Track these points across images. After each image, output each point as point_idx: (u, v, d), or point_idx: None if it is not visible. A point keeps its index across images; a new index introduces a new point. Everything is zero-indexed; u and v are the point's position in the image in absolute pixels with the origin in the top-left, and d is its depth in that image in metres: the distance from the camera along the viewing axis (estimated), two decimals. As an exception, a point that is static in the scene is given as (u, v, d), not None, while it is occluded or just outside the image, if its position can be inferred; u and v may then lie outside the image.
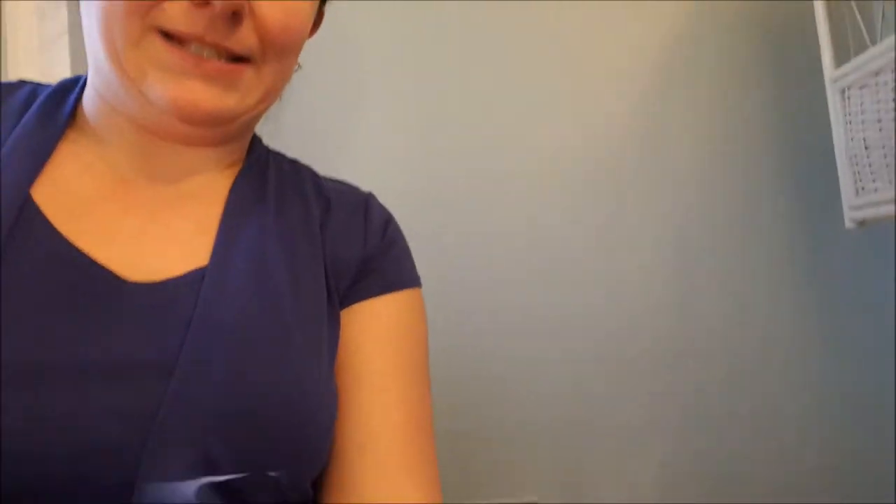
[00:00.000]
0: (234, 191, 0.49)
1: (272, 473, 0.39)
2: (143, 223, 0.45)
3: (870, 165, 0.70)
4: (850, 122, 0.73)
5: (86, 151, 0.46)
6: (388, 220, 0.55)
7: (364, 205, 0.55)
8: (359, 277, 0.51)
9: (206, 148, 0.48)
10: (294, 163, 0.56)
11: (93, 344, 0.38)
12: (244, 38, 0.44)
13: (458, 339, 1.02)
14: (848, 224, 0.78)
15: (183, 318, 0.41)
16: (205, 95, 0.43)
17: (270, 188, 0.51)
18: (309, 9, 0.47)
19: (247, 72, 0.45)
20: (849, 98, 0.73)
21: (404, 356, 0.51)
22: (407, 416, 0.48)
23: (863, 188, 0.72)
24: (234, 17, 0.42)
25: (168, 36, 0.42)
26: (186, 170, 0.48)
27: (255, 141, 0.55)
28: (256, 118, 0.49)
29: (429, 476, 0.48)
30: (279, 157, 0.56)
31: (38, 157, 0.44)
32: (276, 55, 0.46)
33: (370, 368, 0.49)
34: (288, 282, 0.46)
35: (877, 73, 0.67)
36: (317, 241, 0.50)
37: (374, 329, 0.50)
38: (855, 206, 0.75)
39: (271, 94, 0.48)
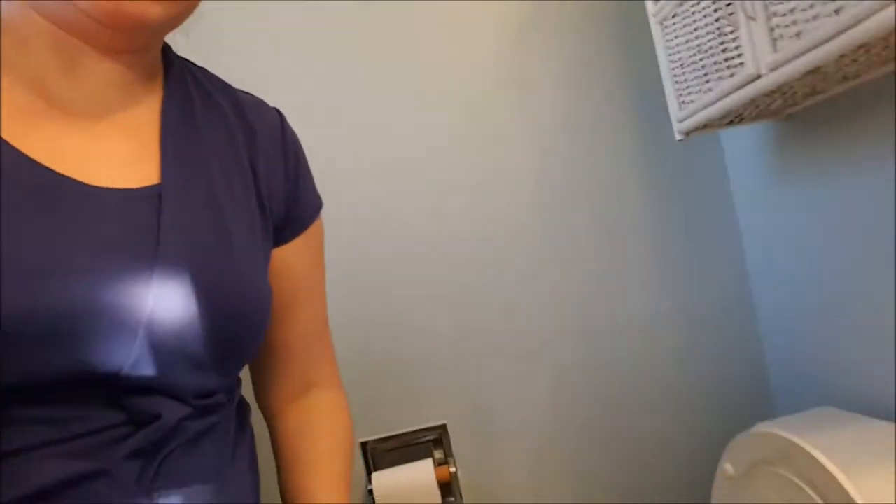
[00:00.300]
0: (165, 113, 0.52)
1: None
2: (85, 142, 0.47)
3: (686, 81, 0.85)
4: (670, 48, 0.87)
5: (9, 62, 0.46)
6: (297, 144, 0.63)
7: (280, 128, 0.62)
8: (287, 218, 0.61)
9: (126, 55, 0.49)
10: (204, 71, 0.60)
11: (75, 246, 0.42)
12: None
13: (360, 277, 1.08)
14: (677, 136, 0.93)
15: (150, 226, 0.46)
16: (141, 4, 0.44)
17: (197, 105, 0.55)
18: None
19: None
20: (666, 28, 0.87)
21: (321, 274, 0.67)
22: (324, 319, 0.68)
23: (683, 102, 0.87)
24: None
25: None
26: (112, 81, 0.49)
27: (166, 47, 0.56)
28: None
29: (333, 358, 0.70)
30: (190, 65, 0.59)
31: None
32: None
33: (304, 285, 0.64)
34: (230, 198, 0.53)
35: (681, 3, 0.81)
36: (245, 163, 0.56)
37: (303, 255, 0.63)
38: (679, 118, 0.90)
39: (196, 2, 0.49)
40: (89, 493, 0.41)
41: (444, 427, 1.11)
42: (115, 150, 0.48)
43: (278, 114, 0.63)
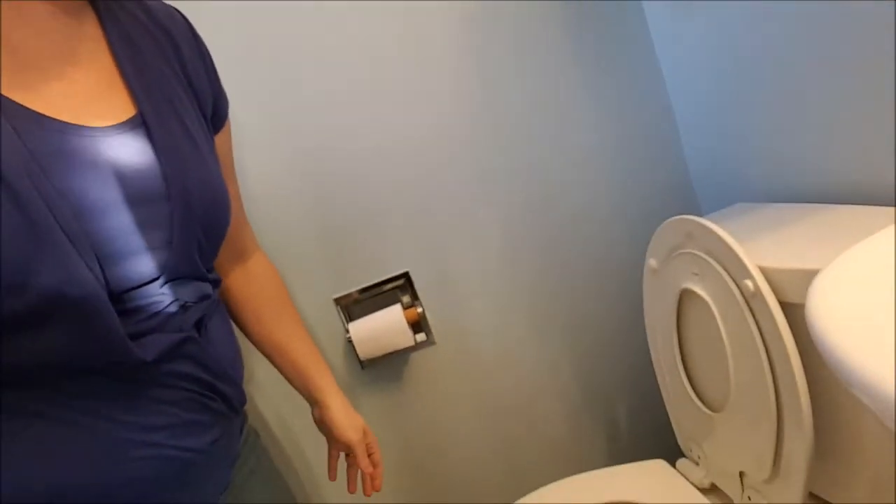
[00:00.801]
0: (112, 45, 0.59)
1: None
2: (62, 86, 0.54)
3: None
4: None
5: None
6: (203, 42, 0.71)
7: (190, 30, 0.70)
8: (215, 114, 0.72)
9: None
10: None
11: (94, 181, 0.53)
12: None
13: (323, 136, 1.13)
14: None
15: (149, 160, 0.57)
16: None
17: (129, 27, 0.62)
18: None
19: None
20: None
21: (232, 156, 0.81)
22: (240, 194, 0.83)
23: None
24: None
25: None
26: (57, 21, 0.55)
27: None
28: None
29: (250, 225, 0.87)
30: None
31: None
32: None
33: (229, 167, 0.79)
34: (184, 110, 0.63)
35: None
36: (180, 73, 0.66)
37: (226, 142, 0.77)
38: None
39: None
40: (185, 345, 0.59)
41: (406, 274, 1.22)
42: (88, 89, 0.56)
43: (182, 16, 0.69)
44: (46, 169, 0.50)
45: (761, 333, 0.78)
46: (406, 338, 1.16)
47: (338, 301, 1.20)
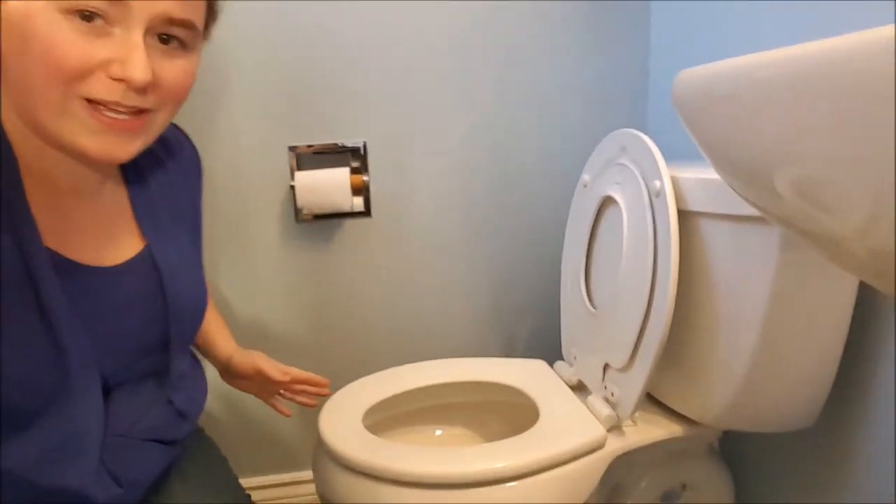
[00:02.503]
0: (131, 192, 0.70)
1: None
2: (82, 230, 0.64)
3: None
4: None
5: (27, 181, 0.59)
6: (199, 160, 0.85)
7: (193, 155, 0.83)
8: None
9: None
10: None
11: (112, 315, 0.66)
12: (150, 99, 0.57)
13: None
14: None
15: (154, 287, 0.69)
16: (118, 147, 0.57)
17: (142, 164, 0.72)
18: (197, 61, 0.62)
19: (148, 119, 0.59)
20: None
21: None
22: None
23: None
24: (145, 88, 0.55)
25: (87, 100, 0.54)
26: (94, 181, 0.65)
27: None
28: None
29: None
30: None
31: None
32: (174, 105, 0.61)
33: None
34: (190, 240, 0.77)
35: None
36: (187, 196, 0.78)
37: None
38: None
39: (164, 129, 0.63)
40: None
41: (364, 144, 1.27)
42: (107, 230, 0.66)
43: (186, 140, 0.81)
44: (75, 308, 0.60)
45: (655, 232, 0.87)
46: (345, 199, 1.22)
47: (292, 149, 1.25)
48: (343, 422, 0.95)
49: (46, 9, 0.50)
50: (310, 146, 1.25)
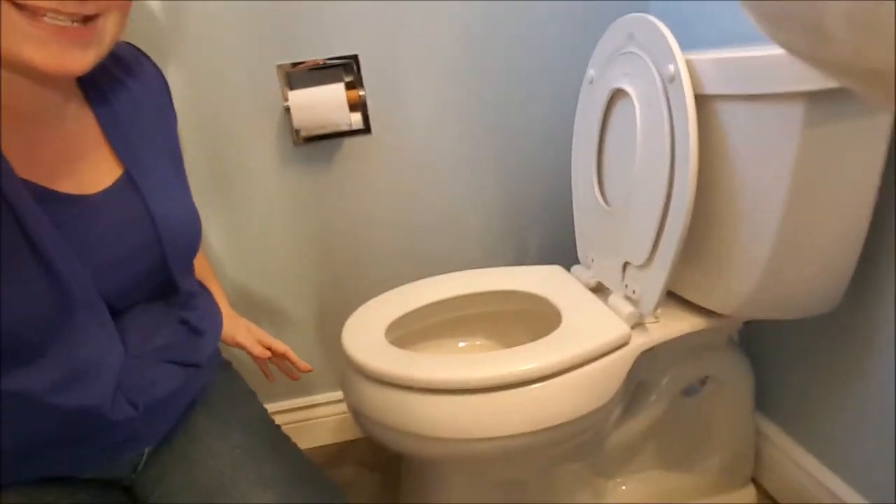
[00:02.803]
0: (99, 117, 0.66)
1: None
2: (55, 158, 0.61)
3: None
4: None
5: None
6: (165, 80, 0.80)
7: (156, 70, 0.78)
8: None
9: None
10: None
11: (102, 244, 0.63)
12: (91, 4, 0.52)
13: None
14: None
15: (139, 211, 0.67)
16: (69, 58, 0.52)
17: (105, 86, 0.68)
18: None
19: (98, 27, 0.54)
20: None
21: None
22: None
23: None
24: None
25: (20, 7, 0.48)
26: (55, 103, 0.61)
27: None
28: None
29: None
30: None
31: None
32: (120, 10, 0.57)
33: None
34: (168, 160, 0.74)
35: None
36: (154, 113, 0.74)
37: None
38: None
39: (116, 39, 0.58)
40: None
41: (355, 57, 1.21)
42: (82, 156, 0.64)
43: (146, 56, 0.77)
44: (65, 237, 0.59)
45: (671, 120, 0.83)
46: (343, 115, 1.18)
47: (281, 67, 1.19)
48: (367, 338, 0.95)
49: None
50: (299, 63, 1.20)
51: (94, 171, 0.65)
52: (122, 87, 0.71)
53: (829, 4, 0.37)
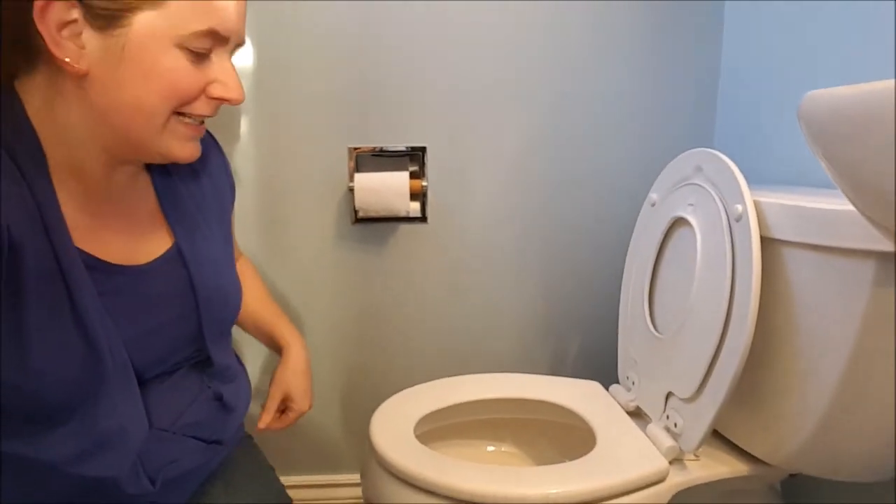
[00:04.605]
0: (158, 191, 0.71)
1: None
2: (113, 231, 0.65)
3: None
4: None
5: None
6: (223, 153, 0.84)
7: (217, 150, 0.83)
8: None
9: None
10: None
11: (143, 312, 0.66)
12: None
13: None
14: None
15: (183, 282, 0.70)
16: (196, 149, 0.66)
17: (173, 172, 0.74)
18: None
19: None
20: None
21: None
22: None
23: None
24: None
25: (179, 114, 0.61)
26: (126, 181, 0.67)
27: None
28: None
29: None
30: None
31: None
32: None
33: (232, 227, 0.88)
34: (216, 232, 0.76)
35: None
36: (214, 192, 0.78)
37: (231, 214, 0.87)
38: None
39: None
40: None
41: (424, 149, 1.26)
42: (138, 229, 0.68)
43: (210, 138, 0.81)
44: (107, 306, 0.61)
45: (734, 258, 0.83)
46: (403, 203, 1.21)
47: (352, 151, 1.24)
48: (395, 430, 0.93)
49: (166, 44, 0.57)
50: (370, 149, 1.25)
51: (146, 242, 0.68)
52: (182, 164, 0.74)
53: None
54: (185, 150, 0.64)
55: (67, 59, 0.54)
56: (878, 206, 0.42)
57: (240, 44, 0.64)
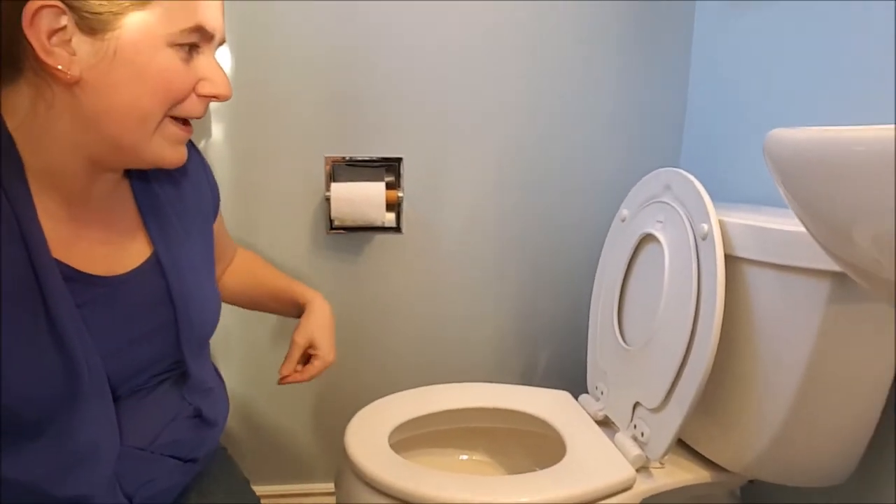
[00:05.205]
0: (138, 198, 0.70)
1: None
2: (92, 241, 0.64)
3: None
4: None
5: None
6: (204, 159, 0.83)
7: (198, 157, 0.81)
8: (214, 210, 0.83)
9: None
10: None
11: (121, 323, 0.65)
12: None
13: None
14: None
15: (161, 293, 0.69)
16: (185, 152, 0.65)
17: (152, 179, 0.72)
18: None
19: None
20: None
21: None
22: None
23: None
24: None
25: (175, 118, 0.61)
26: (106, 189, 0.66)
27: None
28: None
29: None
30: None
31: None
32: None
33: (222, 228, 0.90)
34: (196, 240, 0.75)
35: None
36: (194, 203, 0.77)
37: (220, 223, 0.88)
38: None
39: None
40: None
41: (400, 159, 1.27)
42: (117, 240, 0.67)
43: (189, 142, 0.79)
44: (85, 318, 0.60)
45: (699, 275, 0.87)
46: (379, 213, 1.22)
47: (328, 160, 1.25)
48: (370, 440, 0.94)
49: (159, 44, 0.56)
50: (346, 159, 1.26)
51: (125, 251, 0.67)
52: (165, 173, 0.74)
53: (859, 226, 0.41)
54: (175, 153, 0.63)
55: (60, 67, 0.53)
56: (833, 238, 0.45)
57: (222, 41, 0.64)
